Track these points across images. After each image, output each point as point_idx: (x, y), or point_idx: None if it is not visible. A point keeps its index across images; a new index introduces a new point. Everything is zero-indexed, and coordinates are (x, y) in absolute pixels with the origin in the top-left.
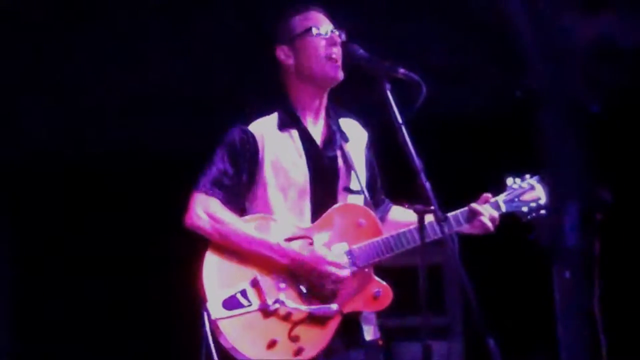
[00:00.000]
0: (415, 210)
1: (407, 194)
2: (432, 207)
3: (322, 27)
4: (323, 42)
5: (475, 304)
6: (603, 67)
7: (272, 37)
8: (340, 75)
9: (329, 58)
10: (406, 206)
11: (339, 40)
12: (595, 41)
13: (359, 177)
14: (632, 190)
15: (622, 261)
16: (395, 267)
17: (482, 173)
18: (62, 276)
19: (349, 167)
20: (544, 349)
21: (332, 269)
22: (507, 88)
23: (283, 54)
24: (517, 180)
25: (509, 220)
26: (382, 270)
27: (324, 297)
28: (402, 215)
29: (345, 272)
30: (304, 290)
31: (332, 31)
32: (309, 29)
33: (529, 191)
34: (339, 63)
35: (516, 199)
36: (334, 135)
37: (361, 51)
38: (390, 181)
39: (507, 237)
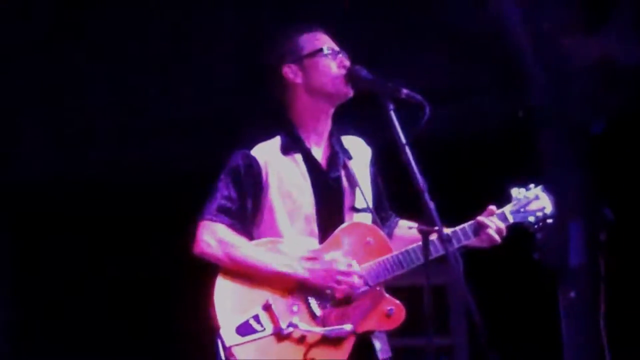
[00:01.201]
0: (420, 231)
1: (413, 212)
2: (436, 227)
3: (332, 48)
4: (334, 63)
5: (480, 324)
6: (605, 87)
7: (278, 57)
8: (350, 91)
9: (340, 76)
10: (410, 227)
11: (347, 62)
12: (597, 62)
13: (365, 195)
14: (636, 209)
15: (627, 280)
16: (400, 287)
17: (485, 190)
18: (65, 299)
19: (353, 186)
20: None
21: (344, 278)
22: (510, 108)
23: (291, 72)
24: (522, 190)
25: (515, 240)
26: (385, 290)
27: (339, 313)
28: (409, 230)
29: (358, 279)
30: (318, 313)
31: (340, 52)
32: (321, 49)
33: (535, 201)
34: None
35: (522, 209)
36: (337, 155)
37: (365, 72)
38: (397, 199)
39: (512, 256)
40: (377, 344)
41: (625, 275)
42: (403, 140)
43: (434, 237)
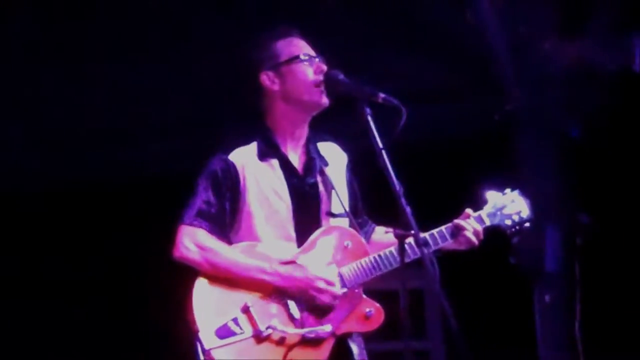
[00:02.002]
0: (396, 235)
1: (390, 217)
2: (412, 232)
3: (308, 54)
4: (310, 69)
5: (456, 329)
6: (582, 91)
7: (256, 63)
8: (326, 101)
9: (317, 85)
10: (386, 231)
11: (324, 67)
12: (574, 66)
13: (342, 200)
14: (612, 214)
15: (603, 284)
16: (376, 291)
17: (463, 194)
18: (44, 302)
19: (330, 191)
20: None
21: (325, 286)
22: (487, 112)
23: (268, 79)
24: (498, 194)
25: (491, 244)
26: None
27: (318, 315)
28: (385, 235)
29: (338, 289)
30: (296, 315)
31: (318, 57)
32: (297, 56)
33: (511, 205)
34: (324, 89)
35: (499, 213)
36: (313, 161)
37: (342, 76)
38: (374, 203)
39: (489, 260)
40: (355, 348)
41: (601, 280)
42: (380, 144)
43: (410, 241)
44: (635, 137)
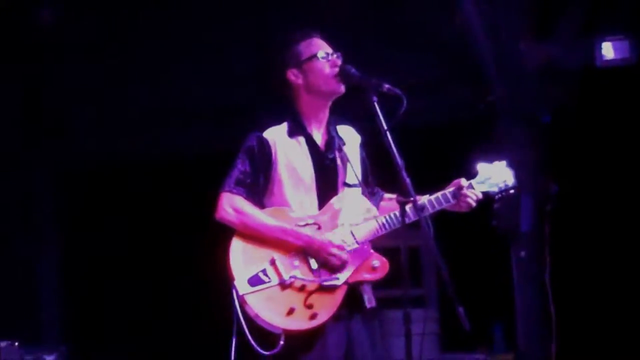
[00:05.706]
0: (398, 201)
1: (395, 186)
2: (412, 199)
3: (325, 51)
4: (327, 64)
5: (447, 279)
6: (551, 85)
7: (282, 62)
8: (342, 88)
9: (333, 76)
10: (391, 198)
11: (339, 61)
12: (546, 64)
13: (356, 173)
14: (576, 185)
15: (569, 242)
16: (382, 248)
17: (454, 168)
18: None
19: (346, 165)
20: (505, 314)
21: (337, 251)
22: (474, 101)
23: (293, 75)
24: (487, 165)
25: (477, 210)
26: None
27: (332, 271)
28: (392, 202)
29: (346, 255)
30: (314, 266)
31: (333, 54)
32: (315, 55)
33: (498, 174)
34: (340, 79)
35: (487, 181)
36: (333, 140)
37: (354, 70)
38: (382, 176)
39: (474, 223)
40: (365, 295)
41: (567, 239)
42: (385, 126)
43: (410, 206)
44: (595, 122)
